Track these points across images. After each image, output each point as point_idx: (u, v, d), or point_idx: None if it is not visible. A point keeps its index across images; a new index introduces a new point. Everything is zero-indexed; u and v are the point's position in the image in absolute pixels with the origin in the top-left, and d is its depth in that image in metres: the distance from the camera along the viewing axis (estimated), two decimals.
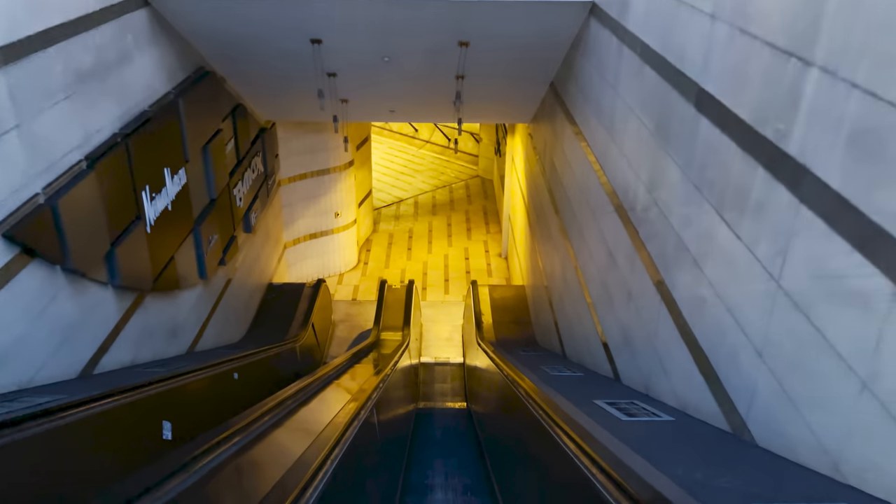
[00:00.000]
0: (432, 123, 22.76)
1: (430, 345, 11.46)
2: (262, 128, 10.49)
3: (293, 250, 12.98)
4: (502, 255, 14.88)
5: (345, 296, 13.33)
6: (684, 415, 3.37)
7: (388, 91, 9.36)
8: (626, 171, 4.74)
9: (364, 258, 14.83)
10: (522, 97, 9.43)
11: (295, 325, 10.08)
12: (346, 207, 13.56)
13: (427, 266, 14.53)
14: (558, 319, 7.75)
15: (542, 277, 9.21)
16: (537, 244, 9.79)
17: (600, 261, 5.56)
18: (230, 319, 8.95)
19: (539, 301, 9.54)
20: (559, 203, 7.73)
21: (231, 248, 8.55)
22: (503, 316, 10.66)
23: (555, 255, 8.02)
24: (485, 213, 17.35)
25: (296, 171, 12.38)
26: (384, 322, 10.42)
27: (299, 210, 12.75)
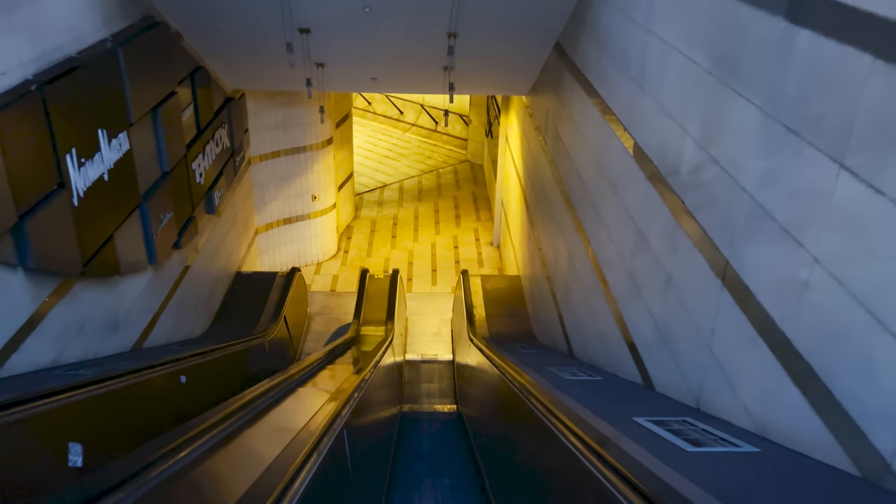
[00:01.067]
0: (419, 105, 21.80)
1: (417, 340, 10.56)
2: (229, 97, 9.49)
3: (265, 236, 11.99)
4: (494, 243, 13.99)
5: (322, 286, 12.38)
6: (773, 445, 2.49)
7: (369, 54, 8.40)
8: (665, 127, 3.85)
9: (344, 246, 13.88)
10: (521, 62, 8.51)
11: (265, 318, 9.12)
12: (325, 190, 12.59)
13: (413, 255, 13.62)
14: (564, 313, 6.88)
15: (542, 266, 8.33)
16: (536, 230, 8.90)
17: (624, 243, 4.67)
18: (189, 311, 7.98)
19: (538, 292, 8.66)
20: (566, 180, 6.84)
21: (189, 229, 7.57)
22: (497, 309, 9.78)
23: (559, 240, 7.13)
24: (475, 199, 16.45)
25: (268, 147, 11.39)
26: (365, 316, 9.50)
27: (272, 192, 11.76)
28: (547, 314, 7.92)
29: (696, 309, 3.36)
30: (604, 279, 5.22)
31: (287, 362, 9.13)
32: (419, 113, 22.12)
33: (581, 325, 6.08)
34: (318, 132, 11.96)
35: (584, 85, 6.05)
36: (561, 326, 6.97)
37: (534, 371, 4.81)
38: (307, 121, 11.70)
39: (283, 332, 9.34)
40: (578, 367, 5.27)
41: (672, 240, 3.70)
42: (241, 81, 9.49)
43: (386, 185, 17.29)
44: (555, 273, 7.44)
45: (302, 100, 11.41)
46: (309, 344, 10.43)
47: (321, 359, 6.53)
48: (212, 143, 8.50)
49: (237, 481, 2.69)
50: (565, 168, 6.90)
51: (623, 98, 4.82)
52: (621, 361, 4.70)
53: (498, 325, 9.28)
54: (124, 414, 4.28)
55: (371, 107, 23.49)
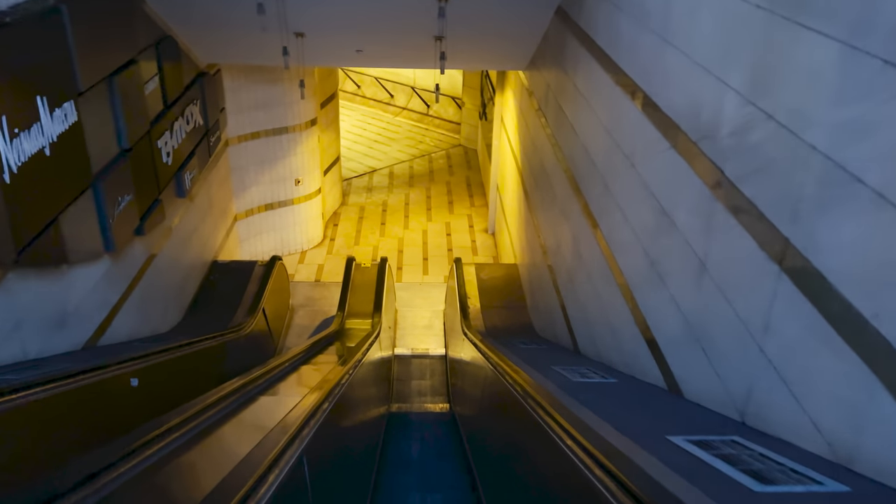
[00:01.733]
0: (410, 88, 21.14)
1: (407, 334, 9.98)
2: (202, 72, 8.83)
3: (245, 223, 11.35)
4: (489, 230, 13.40)
5: (307, 276, 11.76)
6: (865, 480, 1.92)
7: (353, 21, 7.76)
8: (697, 84, 3.25)
9: (330, 234, 13.25)
10: (519, 31, 7.89)
11: (241, 310, 8.51)
12: (309, 174, 11.95)
13: (403, 243, 13.01)
14: (568, 305, 6.30)
15: (542, 254, 7.74)
16: (535, 215, 8.31)
17: (642, 224, 4.08)
18: (156, 304, 7.36)
19: (538, 282, 8.08)
20: (570, 158, 6.24)
21: (154, 214, 6.93)
22: (493, 300, 9.20)
23: (563, 224, 6.54)
24: (468, 184, 15.84)
25: (247, 128, 10.73)
26: (351, 307, 8.90)
27: (252, 175, 11.11)
28: (548, 306, 7.35)
29: (740, 301, 2.78)
30: (616, 266, 4.64)
31: (265, 358, 8.52)
32: (410, 96, 21.45)
33: (588, 319, 5.50)
34: (300, 112, 11.30)
35: (593, 50, 5.44)
36: (564, 319, 6.39)
37: (537, 372, 4.23)
38: (289, 100, 11.05)
39: (262, 325, 8.73)
40: (587, 367, 4.69)
41: (706, 218, 3.11)
42: (215, 54, 8.83)
43: (375, 171, 16.65)
44: (557, 261, 6.85)
45: (283, 77, 10.76)
46: (291, 338, 9.83)
47: (295, 357, 5.95)
48: (181, 120, 7.85)
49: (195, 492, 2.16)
50: (569, 145, 6.30)
51: (641, 57, 4.21)
52: (638, 360, 4.12)
53: (494, 317, 8.71)
54: (55, 426, 3.68)
55: (360, 90, 22.80)
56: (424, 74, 20.86)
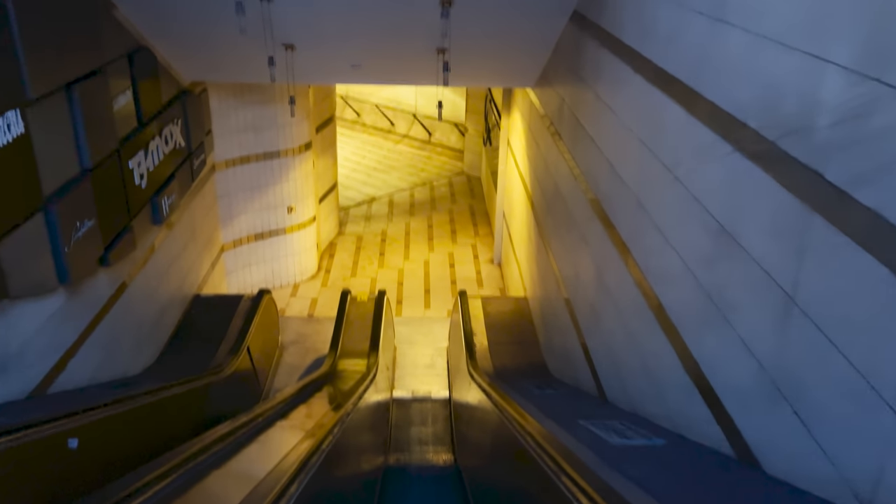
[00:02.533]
0: (411, 115, 20.67)
1: (407, 374, 9.20)
2: (184, 90, 8.22)
3: (233, 254, 10.66)
4: (495, 261, 12.69)
5: (299, 311, 11.02)
6: None
7: (348, 33, 7.17)
8: (777, 64, 2.57)
9: (325, 265, 12.55)
10: (529, 42, 7.29)
11: (223, 349, 7.76)
12: (303, 201, 11.29)
13: (403, 274, 12.29)
14: (591, 345, 5.55)
15: (557, 286, 7.02)
16: (548, 242, 7.61)
17: (692, 247, 3.38)
18: (125, 343, 6.62)
19: (552, 317, 7.34)
20: (591, 176, 5.57)
21: (123, 242, 6.24)
22: (501, 336, 8.44)
23: (582, 251, 5.83)
24: (472, 212, 15.19)
25: (235, 152, 10.10)
26: (345, 346, 8.14)
27: (241, 203, 10.45)
28: (565, 345, 6.60)
29: (859, 346, 2.05)
30: (654, 298, 3.91)
31: (249, 403, 7.74)
32: (411, 123, 20.97)
33: (617, 361, 4.75)
34: (294, 135, 10.69)
35: (619, 50, 4.79)
36: (587, 361, 5.63)
37: (563, 430, 3.48)
38: (281, 122, 10.45)
39: (247, 365, 7.97)
40: (622, 421, 3.93)
41: (796, 236, 2.40)
42: (198, 71, 8.24)
43: (374, 199, 16.02)
44: (576, 294, 6.13)
45: (275, 98, 10.17)
46: (280, 378, 9.05)
47: (277, 406, 5.21)
48: (159, 140, 7.21)
49: None
50: (590, 162, 5.63)
51: (684, 48, 3.55)
52: (689, 416, 3.37)
53: (503, 356, 7.94)
54: None
55: (360, 118, 22.36)
56: (426, 101, 20.41)
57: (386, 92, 21.42)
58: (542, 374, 7.41)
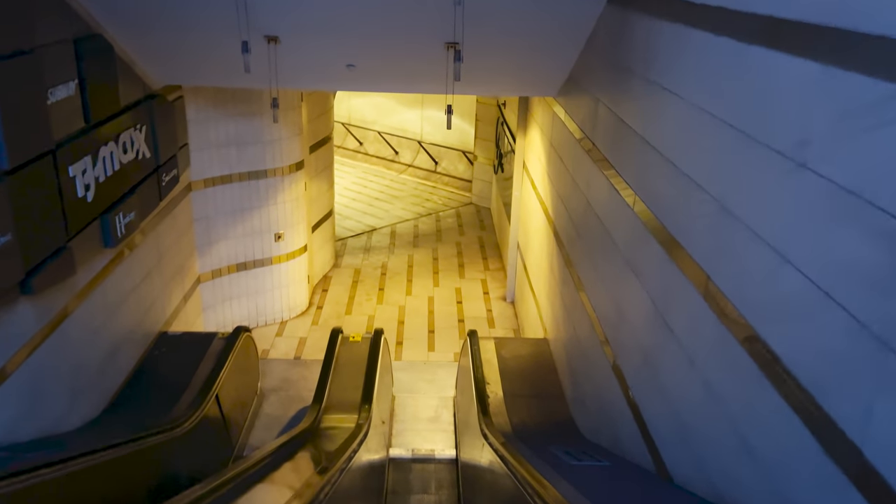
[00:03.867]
0: (416, 143, 19.77)
1: (406, 428, 7.97)
2: (152, 94, 7.22)
3: (211, 286, 9.53)
4: (508, 298, 11.52)
5: (285, 352, 9.84)
6: None
7: (341, 25, 6.17)
8: None
9: (318, 300, 11.39)
10: (556, 38, 6.26)
11: (186, 398, 6.57)
12: (293, 228, 10.20)
13: (405, 312, 11.13)
14: (643, 403, 4.36)
15: (590, 326, 5.86)
16: (577, 274, 6.47)
17: (840, 266, 2.23)
18: (56, 390, 5.45)
19: (583, 365, 6.15)
20: (643, 184, 4.46)
21: (55, 266, 5.12)
22: (519, 386, 7.23)
23: (628, 282, 4.69)
24: (482, 245, 14.08)
25: (216, 170, 9.06)
26: (332, 396, 6.94)
27: (221, 227, 9.37)
28: (601, 398, 5.39)
29: None
30: (760, 343, 2.75)
31: (215, 465, 6.52)
32: (417, 152, 20.06)
33: (689, 429, 3.56)
34: (283, 153, 9.66)
35: (689, 15, 3.72)
36: (637, 424, 4.43)
37: None
38: (268, 138, 9.43)
39: (215, 418, 6.77)
40: None
41: None
42: (169, 72, 7.24)
43: (375, 229, 14.94)
44: (618, 336, 4.95)
45: (262, 110, 9.18)
46: (257, 433, 7.82)
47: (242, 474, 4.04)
48: (114, 146, 6.16)
49: None
50: (639, 167, 4.53)
51: None
52: None
53: (522, 410, 6.73)
54: None
55: (363, 147, 21.50)
56: (432, 129, 19.54)
57: (390, 119, 20.58)
58: (571, 434, 6.18)
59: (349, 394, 6.87)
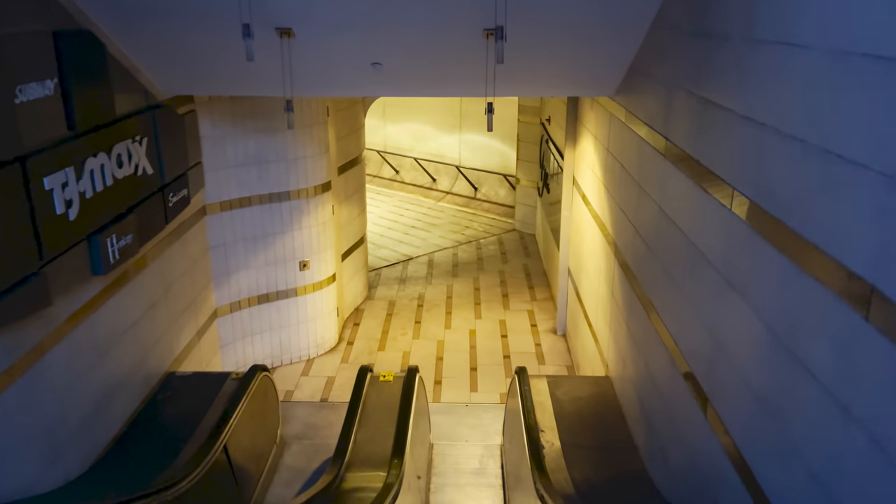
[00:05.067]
0: (454, 169, 19.01)
1: (447, 483, 6.96)
2: (157, 105, 6.53)
3: (229, 321, 8.74)
4: (559, 331, 10.47)
5: (311, 394, 8.95)
6: None
7: (364, 15, 5.38)
8: None
9: (349, 335, 10.52)
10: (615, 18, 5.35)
11: (188, 451, 5.70)
12: (320, 255, 9.40)
13: (444, 348, 10.17)
14: (757, 463, 3.30)
15: (670, 360, 4.82)
16: (650, 297, 5.45)
17: None
18: (31, 444, 4.63)
19: (661, 408, 5.09)
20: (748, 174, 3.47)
21: (23, 295, 4.34)
22: (580, 434, 6.17)
23: (725, 303, 3.67)
24: (527, 273, 13.08)
25: (233, 192, 8.34)
26: (359, 447, 5.99)
27: (240, 255, 8.61)
28: (689, 453, 4.32)
29: None
30: None
31: None
32: (455, 178, 19.30)
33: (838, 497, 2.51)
34: (308, 172, 8.91)
35: None
36: (749, 490, 3.36)
37: None
38: (293, 156, 8.69)
39: (224, 473, 5.88)
40: None
41: None
42: (174, 79, 6.54)
43: (411, 259, 14.09)
44: (713, 372, 3.91)
45: (284, 126, 8.45)
46: (276, 490, 6.90)
47: None
48: (106, 158, 5.43)
49: None
50: (738, 154, 3.54)
51: None
52: None
53: (584, 464, 5.66)
54: None
55: (399, 175, 20.86)
56: (471, 153, 18.79)
57: (427, 145, 19.92)
58: (648, 496, 5.09)
59: (378, 445, 5.91)
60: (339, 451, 5.67)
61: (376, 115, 21.03)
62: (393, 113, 20.86)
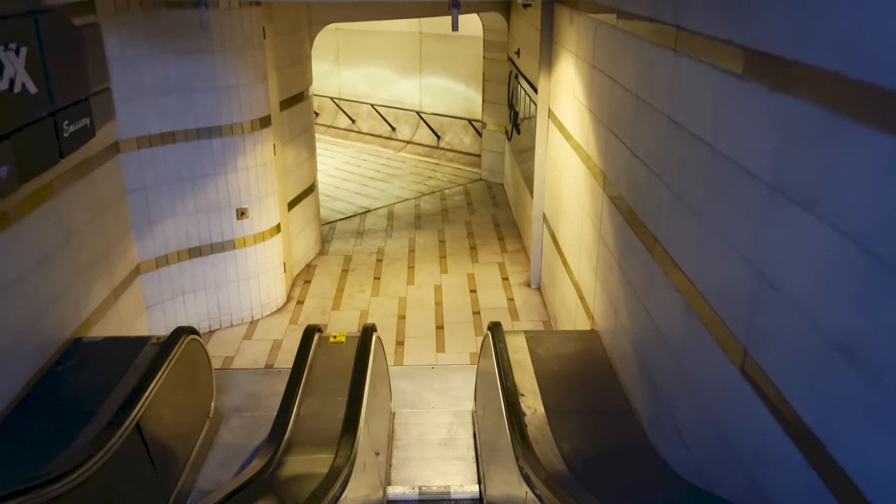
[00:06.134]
0: (415, 115, 17.85)
1: (412, 457, 6.09)
2: (42, 10, 5.32)
3: (156, 278, 7.65)
4: (533, 283, 9.61)
5: (254, 360, 7.95)
6: None
7: None
8: None
9: (298, 294, 9.50)
10: None
11: (87, 433, 4.67)
12: (261, 202, 8.31)
13: (406, 305, 9.23)
14: (840, 438, 2.42)
15: (679, 307, 3.94)
16: (656, 232, 4.55)
17: None
18: None
19: (671, 366, 4.22)
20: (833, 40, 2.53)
21: None
22: (566, 397, 5.30)
23: (783, 223, 2.77)
24: (496, 223, 12.16)
25: (153, 126, 7.17)
26: (304, 422, 5.03)
27: (165, 201, 7.48)
28: (717, 416, 3.46)
29: None
30: None
31: None
32: (416, 126, 18.16)
33: None
34: (244, 104, 7.75)
35: None
36: (818, 471, 2.49)
37: None
38: (224, 83, 7.52)
39: (137, 457, 4.89)
40: None
41: None
42: None
43: (369, 211, 13.04)
44: (756, 316, 3.02)
45: (212, 47, 7.27)
46: (209, 472, 5.94)
47: None
48: None
49: None
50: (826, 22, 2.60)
51: None
52: None
53: (573, 434, 4.80)
54: None
55: (356, 125, 19.61)
56: (433, 100, 17.64)
57: (385, 91, 18.70)
58: (654, 471, 4.25)
59: (326, 418, 4.97)
60: (277, 427, 4.70)
61: (329, 59, 19.67)
62: (347, 57, 19.52)
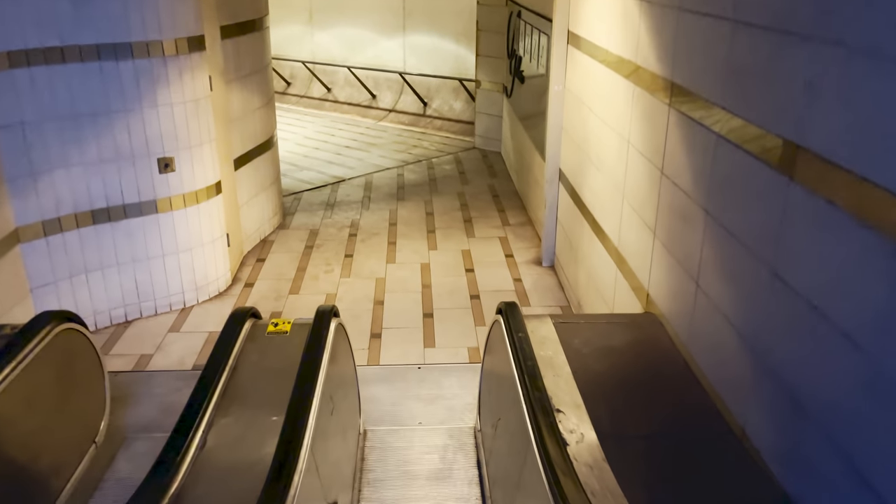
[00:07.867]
0: (399, 78, 16.05)
1: (389, 500, 4.32)
2: None
3: (45, 249, 5.83)
4: (545, 261, 7.87)
5: (180, 359, 6.15)
6: None
7: None
8: None
9: (248, 275, 7.70)
10: None
11: None
12: (192, 151, 6.49)
13: (385, 288, 7.46)
14: None
15: (875, 258, 2.17)
16: (802, 135, 2.79)
17: None
18: None
19: (827, 363, 2.45)
20: None
21: None
22: (622, 414, 3.54)
23: None
24: (494, 194, 10.41)
25: (30, 38, 5.35)
26: (213, 456, 3.25)
27: (53, 145, 5.67)
28: None
29: None
30: None
31: None
32: (400, 92, 16.37)
33: None
34: (162, 14, 5.92)
35: None
36: None
37: None
38: None
39: None
40: None
41: None
42: None
43: (343, 180, 11.25)
44: None
45: None
46: None
47: None
48: None
49: None
50: None
51: None
52: None
53: (646, 473, 3.05)
54: None
55: (332, 94, 17.75)
56: (418, 61, 15.84)
57: (364, 54, 16.86)
58: None
59: (246, 452, 3.20)
60: (159, 471, 2.91)
61: (301, 20, 17.83)
62: (322, 17, 17.67)
